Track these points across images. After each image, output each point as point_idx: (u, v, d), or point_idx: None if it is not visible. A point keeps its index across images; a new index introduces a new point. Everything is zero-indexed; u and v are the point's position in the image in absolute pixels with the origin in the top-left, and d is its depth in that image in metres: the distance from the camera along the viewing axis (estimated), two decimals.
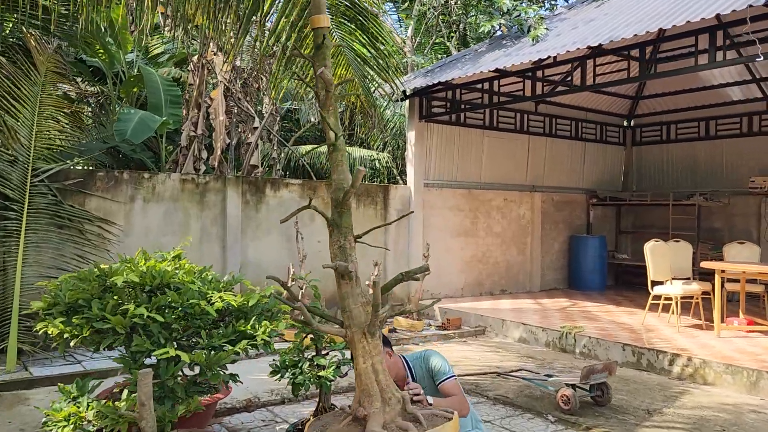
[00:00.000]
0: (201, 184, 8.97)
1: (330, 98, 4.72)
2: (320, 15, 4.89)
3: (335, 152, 4.62)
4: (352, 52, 6.80)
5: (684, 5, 7.42)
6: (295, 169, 15.48)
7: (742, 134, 12.57)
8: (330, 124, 4.70)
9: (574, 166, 13.53)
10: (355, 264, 4.04)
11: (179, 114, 11.63)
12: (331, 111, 4.69)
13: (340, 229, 4.21)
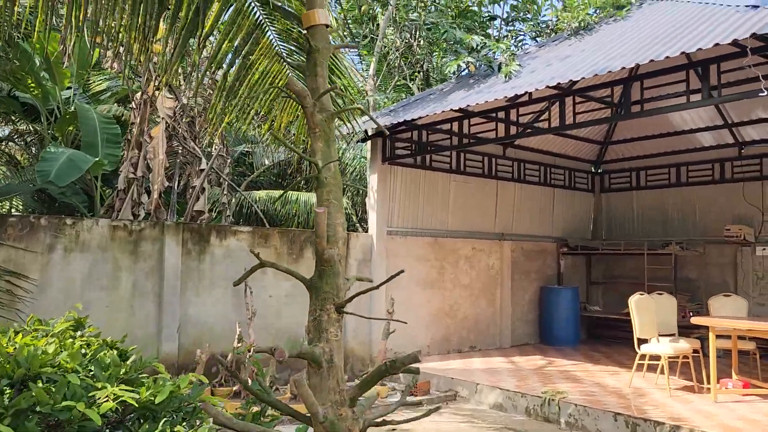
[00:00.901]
0: (135, 232, 7.88)
1: (312, 116, 3.87)
2: (314, 10, 3.92)
3: (320, 188, 3.69)
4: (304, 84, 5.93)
5: (665, 41, 6.89)
6: (248, 216, 14.43)
7: (714, 181, 12.15)
8: (316, 150, 3.83)
9: (544, 213, 12.88)
10: (332, 344, 3.09)
11: (117, 154, 10.57)
12: (318, 134, 3.72)
13: (318, 294, 3.29)
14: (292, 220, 14.03)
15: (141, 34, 4.98)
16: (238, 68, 5.60)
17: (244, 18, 5.39)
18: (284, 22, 5.49)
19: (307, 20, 3.97)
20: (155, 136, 9.48)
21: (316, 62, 3.91)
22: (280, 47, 5.56)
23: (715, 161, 12.12)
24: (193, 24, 5.12)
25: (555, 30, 11.00)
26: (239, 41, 5.47)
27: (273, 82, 5.73)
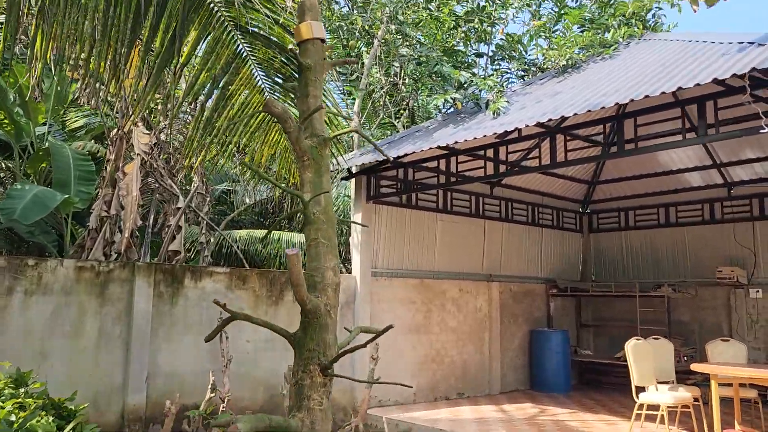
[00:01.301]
0: (103, 273, 7.40)
1: (298, 142, 3.36)
2: (308, 22, 3.58)
3: (307, 226, 3.32)
4: None
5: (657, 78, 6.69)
6: (228, 256, 13.97)
7: (704, 221, 11.93)
8: (304, 180, 3.44)
9: (532, 254, 12.57)
10: (314, 414, 2.67)
11: (90, 192, 10.14)
12: (307, 162, 3.34)
13: (301, 352, 2.87)
14: (273, 260, 13.59)
15: (112, 63, 4.65)
16: (216, 99, 5.27)
17: (223, 47, 5.09)
18: (266, 51, 5.20)
19: (299, 34, 3.63)
20: (129, 172, 9.08)
21: (308, 81, 3.54)
22: (261, 77, 5.25)
23: (705, 201, 11.93)
24: (169, 53, 4.81)
25: (541, 68, 10.87)
26: (218, 71, 5.15)
27: (254, 114, 5.42)
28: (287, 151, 5.66)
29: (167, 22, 4.67)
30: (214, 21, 4.90)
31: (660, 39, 9.34)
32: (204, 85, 5.14)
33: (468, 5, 10.86)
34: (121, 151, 9.78)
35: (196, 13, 4.81)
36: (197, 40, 4.86)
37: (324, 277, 3.18)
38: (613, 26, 10.27)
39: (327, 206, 3.36)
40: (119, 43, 4.47)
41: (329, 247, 3.27)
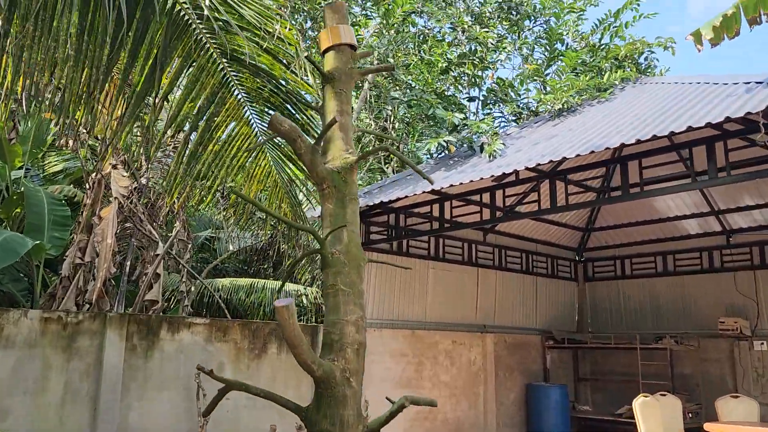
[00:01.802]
0: (71, 325, 6.84)
1: (313, 166, 2.90)
2: (334, 26, 3.12)
3: (325, 269, 2.83)
4: (275, 151, 5.21)
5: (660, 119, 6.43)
6: (210, 306, 13.36)
7: (704, 270, 11.59)
8: (324, 213, 2.95)
9: (527, 303, 12.11)
10: None
11: (64, 238, 9.62)
12: (327, 192, 2.85)
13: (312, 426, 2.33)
14: (257, 310, 13.00)
15: (85, 92, 4.24)
16: (201, 131, 4.87)
17: (208, 76, 4.71)
18: (254, 80, 4.83)
19: (324, 40, 3.18)
20: (105, 217, 8.59)
21: (331, 94, 3.08)
22: (249, 108, 4.87)
23: (703, 249, 11.61)
24: (149, 82, 4.42)
25: (535, 112, 10.67)
26: (203, 101, 4.77)
27: (241, 146, 5.03)
28: (277, 186, 5.24)
29: (148, 48, 4.30)
30: (198, 48, 4.53)
31: (657, 82, 9.17)
32: (187, 116, 4.75)
33: (460, 49, 10.71)
34: (98, 195, 9.33)
35: (180, 39, 4.45)
36: (180, 69, 4.49)
37: (343, 334, 2.65)
38: (607, 69, 10.11)
39: (350, 244, 2.87)
40: (94, 70, 4.07)
41: (351, 295, 2.77)
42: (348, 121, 3.08)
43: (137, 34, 4.15)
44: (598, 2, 12.13)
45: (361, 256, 2.94)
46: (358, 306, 2.79)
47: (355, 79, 3.21)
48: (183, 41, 4.41)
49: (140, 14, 4.11)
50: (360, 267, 2.89)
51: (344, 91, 3.08)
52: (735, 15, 5.44)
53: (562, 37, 11.45)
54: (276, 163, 5.10)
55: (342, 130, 3.04)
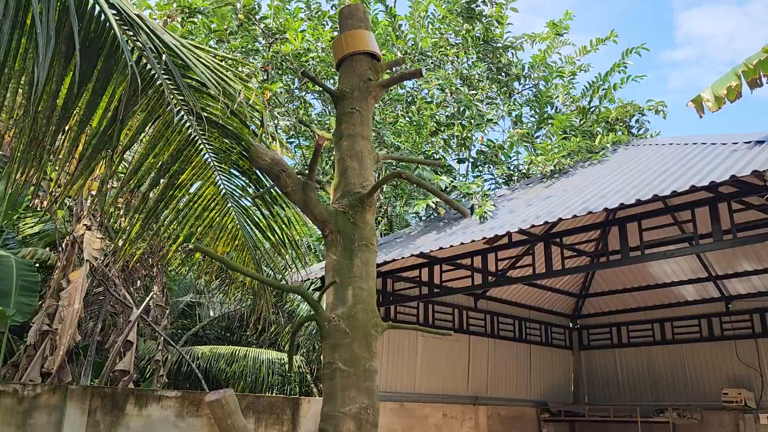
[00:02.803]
0: (27, 399, 6.27)
1: (311, 206, 2.40)
2: (351, 31, 2.57)
3: (324, 341, 2.23)
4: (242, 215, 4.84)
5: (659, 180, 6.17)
6: (188, 376, 12.71)
7: (704, 338, 11.15)
8: (327, 266, 2.38)
9: (521, 373, 11.55)
10: None
11: (32, 304, 9.08)
12: (330, 239, 2.31)
13: None
14: (239, 380, 12.36)
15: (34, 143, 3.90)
16: (163, 188, 4.52)
17: (174, 132, 4.39)
18: (223, 141, 4.51)
19: (338, 49, 2.61)
20: (74, 280, 8.13)
21: (342, 116, 2.53)
22: (217, 169, 4.53)
23: (702, 317, 11.20)
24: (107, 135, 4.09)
25: (526, 174, 10.46)
26: (167, 158, 4.43)
27: (207, 207, 4.66)
28: (245, 249, 4.85)
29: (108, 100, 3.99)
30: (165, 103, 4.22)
31: (651, 144, 8.99)
32: (149, 172, 4.40)
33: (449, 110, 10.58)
34: (71, 258, 8.89)
35: (144, 93, 4.14)
36: (143, 123, 4.17)
37: (339, 427, 2.03)
38: (599, 133, 9.96)
39: (356, 307, 2.21)
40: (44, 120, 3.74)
41: (353, 376, 2.13)
42: (364, 146, 2.48)
43: (97, 86, 3.85)
44: (588, 68, 12.17)
45: (372, 323, 2.26)
46: (363, 392, 2.09)
47: (374, 94, 2.60)
48: (148, 96, 4.11)
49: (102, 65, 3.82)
50: (370, 337, 2.22)
51: (359, 110, 2.52)
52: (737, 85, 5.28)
53: (552, 101, 11.39)
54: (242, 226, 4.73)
55: (355, 158, 2.44)
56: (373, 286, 2.30)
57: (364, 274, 2.30)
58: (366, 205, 2.37)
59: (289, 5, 10.39)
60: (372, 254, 2.36)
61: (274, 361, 12.48)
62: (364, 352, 2.20)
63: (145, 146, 4.16)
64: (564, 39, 11.77)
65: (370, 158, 2.52)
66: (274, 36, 9.76)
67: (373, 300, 2.31)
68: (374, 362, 2.22)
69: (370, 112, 2.57)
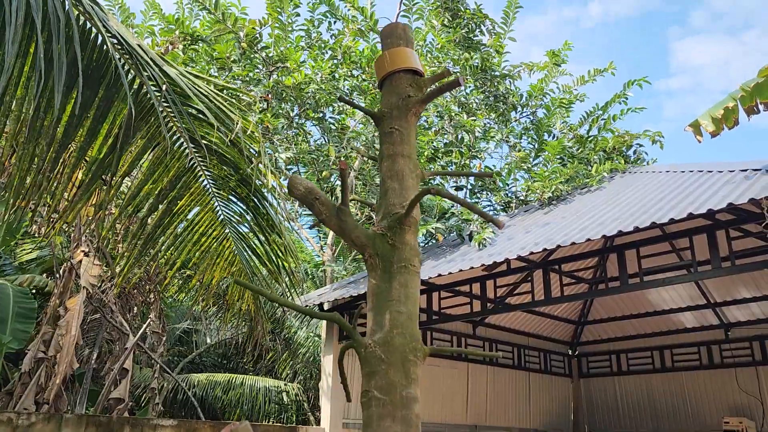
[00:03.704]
0: (22, 428, 6.20)
1: (348, 230, 2.31)
2: (394, 49, 2.54)
3: (362, 369, 2.16)
4: (240, 241, 4.84)
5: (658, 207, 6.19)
6: (184, 404, 12.56)
7: (703, 366, 11.07)
8: (369, 291, 2.30)
9: (520, 401, 11.44)
10: None
11: (29, 331, 9.02)
12: (370, 262, 2.24)
13: None
14: (235, 408, 12.22)
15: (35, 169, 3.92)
16: (161, 214, 4.52)
17: (173, 159, 4.42)
18: (221, 168, 4.53)
19: (380, 68, 2.58)
20: (71, 307, 8.08)
21: (384, 136, 2.46)
22: (215, 195, 4.54)
23: (701, 344, 11.15)
24: (107, 161, 4.11)
25: (524, 201, 10.49)
26: (165, 184, 4.44)
27: (205, 233, 4.66)
28: (243, 275, 4.84)
29: (109, 127, 4.02)
30: (164, 130, 4.26)
31: (648, 171, 9.04)
32: (147, 198, 4.42)
33: (447, 137, 10.66)
34: (68, 284, 8.84)
35: (145, 120, 4.18)
36: (143, 149, 4.19)
37: None
38: (596, 161, 10.03)
39: (393, 332, 2.13)
40: (46, 146, 3.76)
41: (389, 405, 2.04)
42: (405, 165, 2.41)
43: (98, 113, 3.88)
44: (584, 98, 12.28)
45: (410, 348, 2.17)
46: (399, 421, 2.01)
47: (415, 110, 2.53)
48: (149, 122, 4.14)
49: (103, 93, 3.86)
50: (408, 362, 2.14)
51: (398, 128, 2.48)
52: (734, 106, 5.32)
53: (550, 129, 11.48)
54: (239, 252, 4.73)
55: (395, 179, 2.38)
56: (414, 309, 2.24)
57: (402, 297, 2.24)
58: (405, 225, 2.31)
59: (290, 35, 10.52)
60: (412, 276, 2.28)
61: (270, 389, 12.35)
62: (401, 378, 2.14)
63: (144, 172, 4.18)
64: (562, 69, 11.91)
65: (413, 177, 2.46)
66: (275, 65, 9.86)
67: (412, 324, 2.24)
68: (412, 389, 2.16)
69: (411, 130, 2.51)
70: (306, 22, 10.88)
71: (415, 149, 2.55)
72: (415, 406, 2.14)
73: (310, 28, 10.94)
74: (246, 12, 10.10)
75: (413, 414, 2.10)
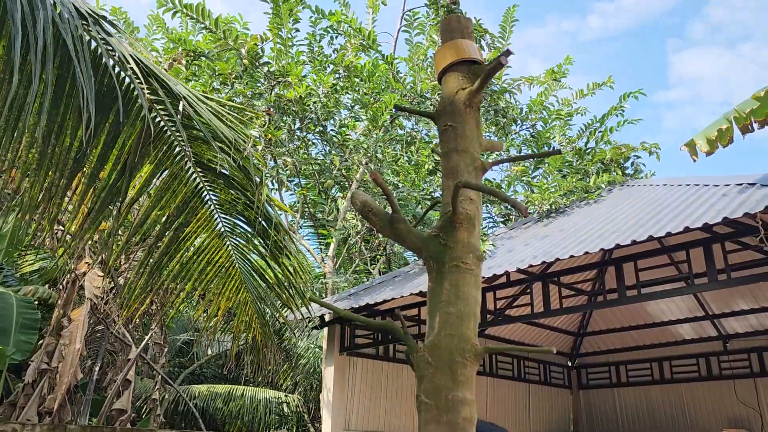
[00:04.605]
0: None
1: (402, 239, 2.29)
2: (452, 41, 2.46)
3: (415, 369, 2.14)
4: (245, 265, 4.90)
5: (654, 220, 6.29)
6: (185, 415, 12.61)
7: (702, 378, 11.13)
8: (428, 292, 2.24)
9: (519, 413, 11.49)
10: None
11: (32, 342, 9.09)
12: (428, 266, 2.21)
13: None
14: (235, 420, 12.28)
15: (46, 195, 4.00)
16: (168, 241, 4.59)
17: (180, 184, 4.48)
18: (228, 192, 4.60)
19: (442, 58, 2.49)
20: (76, 318, 8.16)
21: (441, 135, 2.39)
22: (222, 220, 4.61)
23: (700, 356, 11.21)
24: (116, 187, 4.20)
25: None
26: (173, 210, 4.51)
27: (211, 260, 4.72)
28: (247, 304, 4.91)
29: (118, 153, 4.11)
30: (172, 155, 4.35)
31: (645, 184, 9.14)
32: (155, 224, 4.48)
33: None
34: (71, 295, 8.93)
35: (153, 145, 4.26)
36: (151, 175, 4.26)
37: None
38: (593, 172, 10.14)
39: (440, 333, 2.06)
40: (57, 173, 3.85)
41: (434, 409, 2.00)
42: (459, 160, 2.32)
43: (108, 138, 3.97)
44: (585, 111, 12.42)
45: (458, 349, 2.09)
46: (444, 425, 1.98)
47: (468, 102, 2.40)
48: (157, 147, 4.23)
49: (113, 117, 3.95)
50: (455, 364, 2.06)
51: (452, 124, 2.39)
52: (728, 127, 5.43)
53: (550, 141, 11.59)
54: (246, 277, 4.78)
55: (449, 176, 2.31)
56: (465, 309, 2.13)
57: (452, 297, 2.15)
58: (455, 222, 2.20)
59: (291, 49, 10.64)
60: (463, 274, 2.17)
61: (271, 400, 12.41)
62: (447, 381, 2.08)
63: (152, 198, 4.25)
64: (562, 83, 12.05)
65: (469, 170, 2.35)
66: (277, 79, 9.98)
67: (462, 324, 2.12)
68: (459, 392, 2.07)
69: (466, 123, 2.40)
70: (308, 36, 11.02)
71: (474, 142, 2.41)
72: (464, 409, 2.05)
73: (312, 42, 11.07)
74: (248, 27, 10.23)
75: (460, 418, 2.02)
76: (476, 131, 2.45)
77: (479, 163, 2.40)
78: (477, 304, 2.21)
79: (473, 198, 2.28)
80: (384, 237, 3.06)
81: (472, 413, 2.03)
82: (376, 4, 11.91)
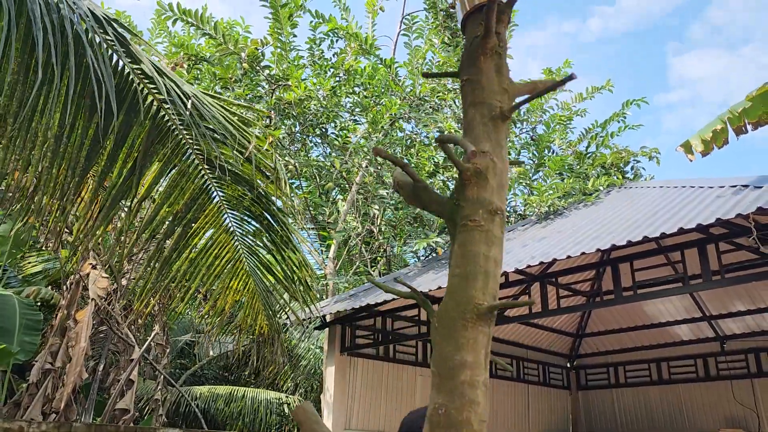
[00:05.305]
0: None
1: (427, 203, 2.02)
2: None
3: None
4: (252, 258, 5.02)
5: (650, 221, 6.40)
6: (187, 415, 12.69)
7: (699, 378, 11.23)
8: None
9: (519, 414, 11.57)
10: None
11: (35, 342, 9.19)
12: (449, 231, 1.94)
13: None
14: (236, 420, 12.35)
15: (59, 194, 4.11)
16: (177, 237, 4.70)
17: (188, 181, 4.60)
18: (235, 188, 4.72)
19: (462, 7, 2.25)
20: (81, 319, 8.25)
21: (461, 92, 2.20)
22: (229, 216, 4.73)
23: (697, 357, 11.31)
24: (126, 185, 4.31)
25: (522, 215, 10.70)
26: (181, 207, 4.63)
27: (219, 255, 4.84)
28: (254, 298, 5.02)
29: (128, 151, 4.22)
30: (180, 153, 4.46)
31: (643, 186, 9.26)
32: (164, 221, 4.60)
33: None
34: (75, 296, 9.02)
35: (162, 143, 4.38)
36: (160, 173, 4.38)
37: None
38: (593, 175, 10.26)
39: (446, 299, 1.89)
40: (69, 171, 3.96)
41: (437, 376, 1.84)
42: (474, 114, 2.10)
43: (118, 137, 4.08)
44: (585, 113, 12.54)
45: (459, 311, 1.89)
46: (444, 392, 1.79)
47: (481, 50, 2.15)
48: (165, 145, 4.34)
49: (123, 117, 4.05)
50: (457, 329, 1.86)
51: (466, 78, 2.16)
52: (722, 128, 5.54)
53: (550, 145, 11.72)
54: (253, 271, 4.90)
55: (466, 133, 2.09)
56: (471, 269, 1.92)
57: (459, 257, 1.94)
58: (464, 180, 1.96)
59: (290, 54, 10.78)
60: (471, 232, 1.94)
61: (272, 401, 12.49)
62: (449, 346, 1.87)
63: (161, 195, 4.36)
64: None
65: (484, 122, 2.10)
66: (277, 83, 10.11)
67: (468, 285, 1.91)
68: (460, 355, 1.87)
69: (482, 73, 2.14)
70: (309, 40, 11.15)
71: (491, 91, 2.16)
72: (462, 373, 1.87)
73: (313, 46, 11.20)
74: (249, 30, 10.36)
75: (458, 382, 1.85)
76: (496, 78, 2.22)
77: (497, 111, 2.17)
78: (489, 260, 1.98)
79: (486, 150, 2.04)
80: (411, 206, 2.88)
81: (474, 376, 1.88)
82: (374, 10, 12.06)
